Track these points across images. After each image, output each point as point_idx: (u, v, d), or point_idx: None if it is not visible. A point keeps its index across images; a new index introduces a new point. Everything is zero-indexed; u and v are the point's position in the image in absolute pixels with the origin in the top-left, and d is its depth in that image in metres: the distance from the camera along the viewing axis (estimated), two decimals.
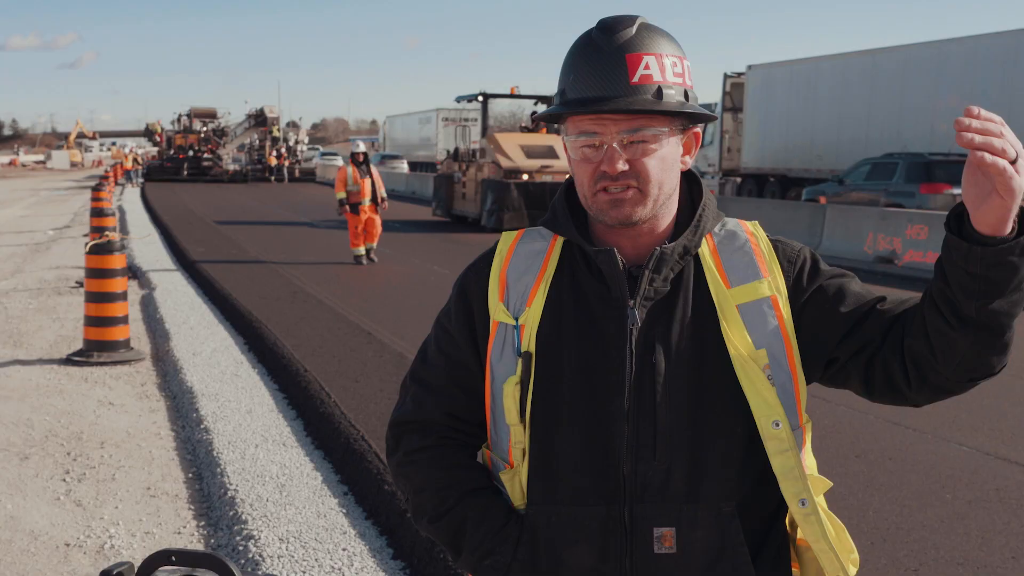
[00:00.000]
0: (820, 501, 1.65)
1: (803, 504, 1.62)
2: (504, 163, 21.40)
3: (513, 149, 21.81)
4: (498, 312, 1.71)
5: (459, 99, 25.61)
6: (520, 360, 1.66)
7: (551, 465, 1.66)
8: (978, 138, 1.36)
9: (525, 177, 21.19)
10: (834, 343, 1.65)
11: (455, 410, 1.76)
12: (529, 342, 1.67)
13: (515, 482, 1.70)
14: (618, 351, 1.64)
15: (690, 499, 1.62)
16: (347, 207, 15.75)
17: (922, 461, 5.78)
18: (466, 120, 27.09)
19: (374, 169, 16.18)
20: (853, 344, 1.64)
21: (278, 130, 53.29)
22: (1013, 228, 1.43)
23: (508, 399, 1.67)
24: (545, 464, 1.66)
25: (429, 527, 1.73)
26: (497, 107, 25.94)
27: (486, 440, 1.78)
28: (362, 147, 16.46)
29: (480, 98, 24.09)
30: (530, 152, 21.74)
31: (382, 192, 16.08)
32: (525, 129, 24.71)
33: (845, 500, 5.17)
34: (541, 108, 24.08)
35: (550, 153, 21.71)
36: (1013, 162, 1.37)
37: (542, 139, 22.59)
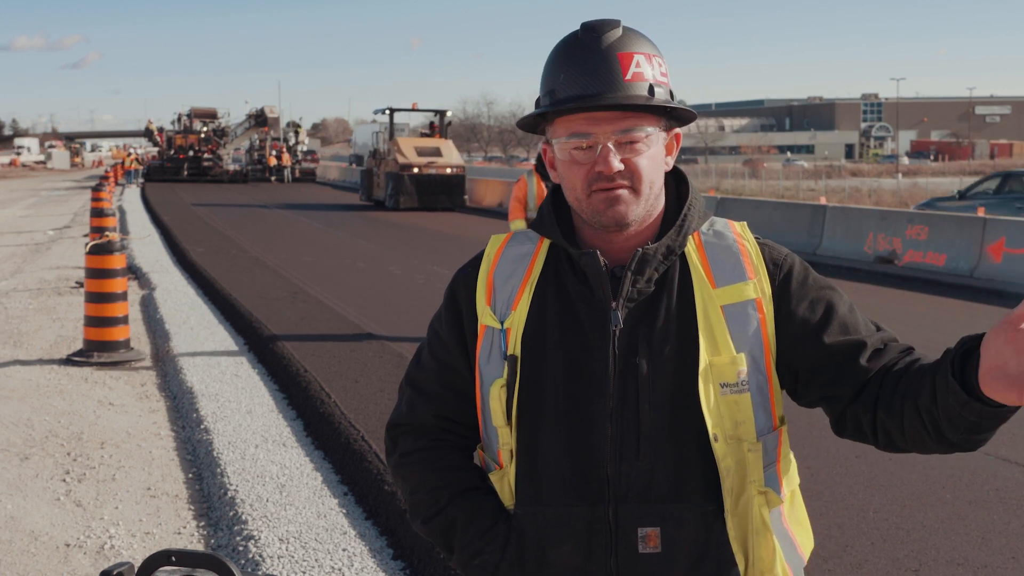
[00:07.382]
0: (764, 515, 1.63)
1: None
2: (400, 159, 29.19)
3: (408, 149, 29.64)
4: (485, 316, 1.71)
5: (375, 112, 32.94)
6: (506, 363, 1.67)
7: (537, 466, 1.67)
8: None
9: (416, 170, 28.89)
10: (805, 374, 1.66)
11: (447, 412, 1.77)
12: (515, 345, 1.67)
13: (504, 483, 1.71)
14: (601, 353, 1.64)
15: (674, 499, 1.62)
16: None
17: (922, 461, 5.77)
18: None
19: None
20: (823, 387, 1.65)
21: (288, 125, 53.77)
22: None
23: (494, 401, 1.68)
24: (531, 465, 1.67)
25: (423, 527, 1.75)
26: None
27: (480, 441, 1.79)
28: None
29: (387, 111, 31.64)
30: (421, 152, 29.55)
31: None
32: (424, 134, 32.90)
33: (845, 500, 5.17)
34: (439, 119, 32.72)
35: (436, 152, 29.90)
36: None
37: (431, 142, 30.76)
